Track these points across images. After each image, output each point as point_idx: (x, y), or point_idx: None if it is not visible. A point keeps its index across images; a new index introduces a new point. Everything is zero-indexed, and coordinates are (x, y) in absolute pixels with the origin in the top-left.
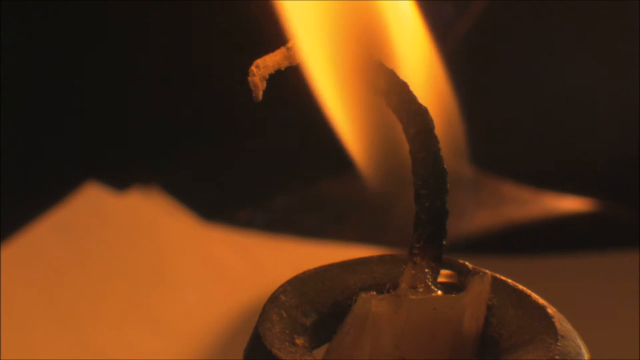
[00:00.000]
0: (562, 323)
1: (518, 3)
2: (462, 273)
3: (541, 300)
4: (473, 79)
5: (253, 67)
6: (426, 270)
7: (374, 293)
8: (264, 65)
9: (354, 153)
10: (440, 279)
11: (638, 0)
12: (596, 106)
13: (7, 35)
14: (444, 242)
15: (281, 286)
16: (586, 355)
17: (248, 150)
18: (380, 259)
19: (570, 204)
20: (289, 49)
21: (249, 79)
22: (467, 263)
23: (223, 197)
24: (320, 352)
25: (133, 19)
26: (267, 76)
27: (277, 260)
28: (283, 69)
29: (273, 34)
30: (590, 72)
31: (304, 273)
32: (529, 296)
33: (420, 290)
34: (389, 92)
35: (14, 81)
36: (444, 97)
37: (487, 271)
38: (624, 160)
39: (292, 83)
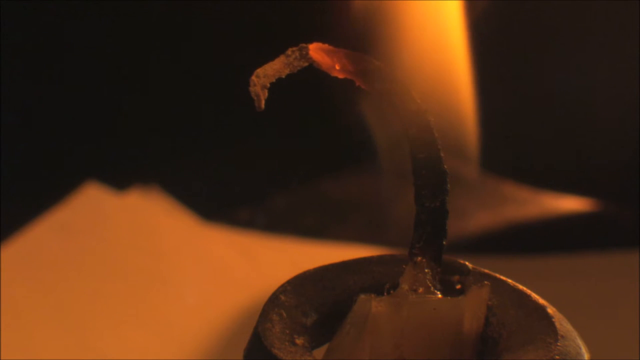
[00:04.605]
0: (562, 323)
1: (518, 3)
2: (462, 273)
3: (541, 300)
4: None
5: (254, 77)
6: (426, 270)
7: (374, 295)
8: (265, 74)
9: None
10: (440, 279)
11: (638, 0)
12: (596, 106)
13: (7, 34)
14: (444, 242)
15: (281, 286)
16: (586, 355)
17: (248, 150)
18: (380, 259)
19: (570, 204)
20: (288, 57)
21: (250, 89)
22: (467, 263)
23: (223, 197)
24: (320, 352)
25: (132, 18)
26: (268, 85)
27: (277, 260)
28: (284, 76)
29: (273, 33)
30: (590, 72)
31: (304, 273)
32: (529, 296)
33: (420, 290)
34: (389, 92)
35: (13, 81)
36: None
37: (487, 271)
38: (623, 160)
39: (292, 84)
